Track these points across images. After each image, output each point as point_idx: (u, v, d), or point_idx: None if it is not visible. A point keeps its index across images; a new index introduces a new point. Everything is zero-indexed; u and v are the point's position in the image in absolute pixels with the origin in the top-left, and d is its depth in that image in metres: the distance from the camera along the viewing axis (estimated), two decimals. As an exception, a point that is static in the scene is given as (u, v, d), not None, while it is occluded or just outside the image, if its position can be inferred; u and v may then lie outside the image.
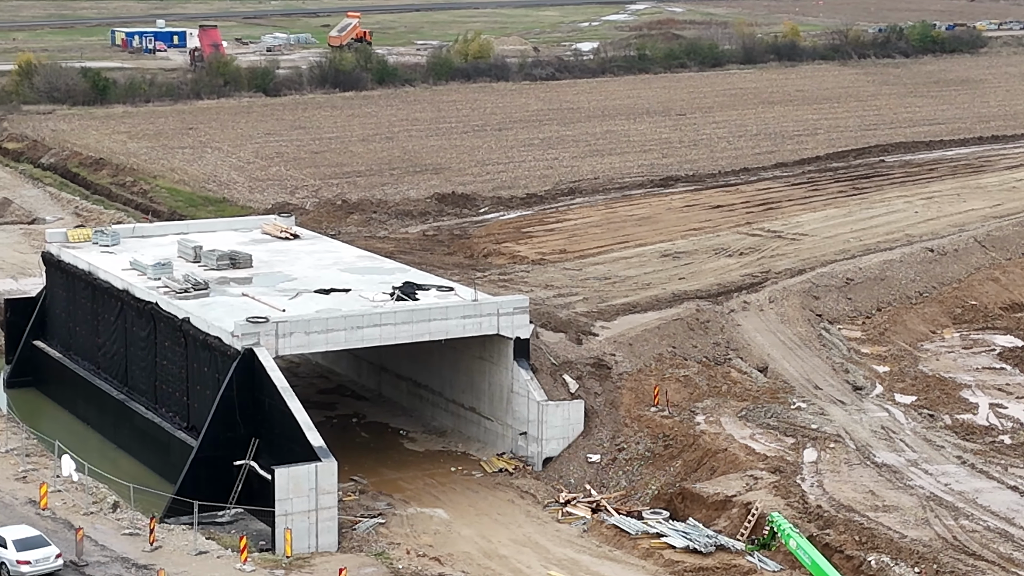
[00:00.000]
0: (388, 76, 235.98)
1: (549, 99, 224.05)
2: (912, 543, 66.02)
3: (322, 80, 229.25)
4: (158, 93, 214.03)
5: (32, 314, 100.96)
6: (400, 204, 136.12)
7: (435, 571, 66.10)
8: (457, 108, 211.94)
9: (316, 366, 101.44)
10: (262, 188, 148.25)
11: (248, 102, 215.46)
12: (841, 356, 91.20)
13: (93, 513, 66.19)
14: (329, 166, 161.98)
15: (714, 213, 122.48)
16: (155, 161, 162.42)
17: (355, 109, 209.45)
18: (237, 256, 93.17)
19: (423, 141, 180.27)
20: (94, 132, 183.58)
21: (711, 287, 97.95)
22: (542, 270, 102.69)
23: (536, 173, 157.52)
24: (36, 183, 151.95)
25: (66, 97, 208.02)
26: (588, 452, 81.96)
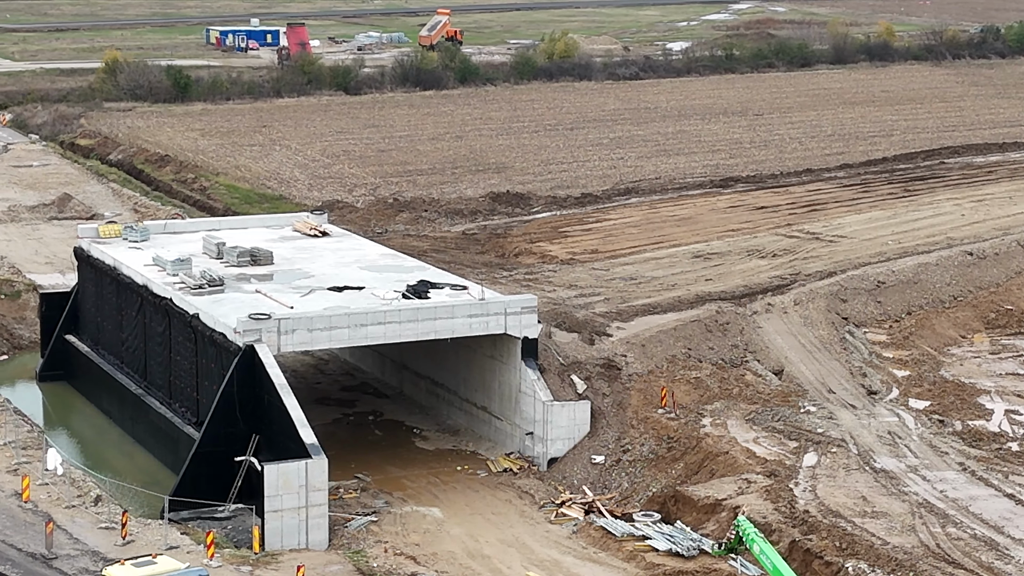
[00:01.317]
0: (470, 75, 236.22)
1: (628, 99, 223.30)
2: (893, 550, 65.15)
3: (403, 79, 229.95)
4: (239, 91, 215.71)
5: (65, 309, 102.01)
6: (453, 203, 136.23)
7: (408, 570, 66.13)
8: (534, 107, 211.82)
9: (344, 363, 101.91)
10: (321, 186, 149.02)
11: (327, 100, 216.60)
12: (861, 360, 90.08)
13: (75, 506, 66.90)
14: (393, 164, 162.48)
15: (756, 214, 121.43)
16: (222, 158, 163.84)
17: (432, 108, 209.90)
18: (258, 253, 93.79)
19: (491, 140, 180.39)
20: (168, 129, 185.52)
21: (737, 288, 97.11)
22: (569, 270, 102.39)
23: (598, 173, 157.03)
24: (101, 179, 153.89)
25: (148, 95, 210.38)
26: (593, 453, 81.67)
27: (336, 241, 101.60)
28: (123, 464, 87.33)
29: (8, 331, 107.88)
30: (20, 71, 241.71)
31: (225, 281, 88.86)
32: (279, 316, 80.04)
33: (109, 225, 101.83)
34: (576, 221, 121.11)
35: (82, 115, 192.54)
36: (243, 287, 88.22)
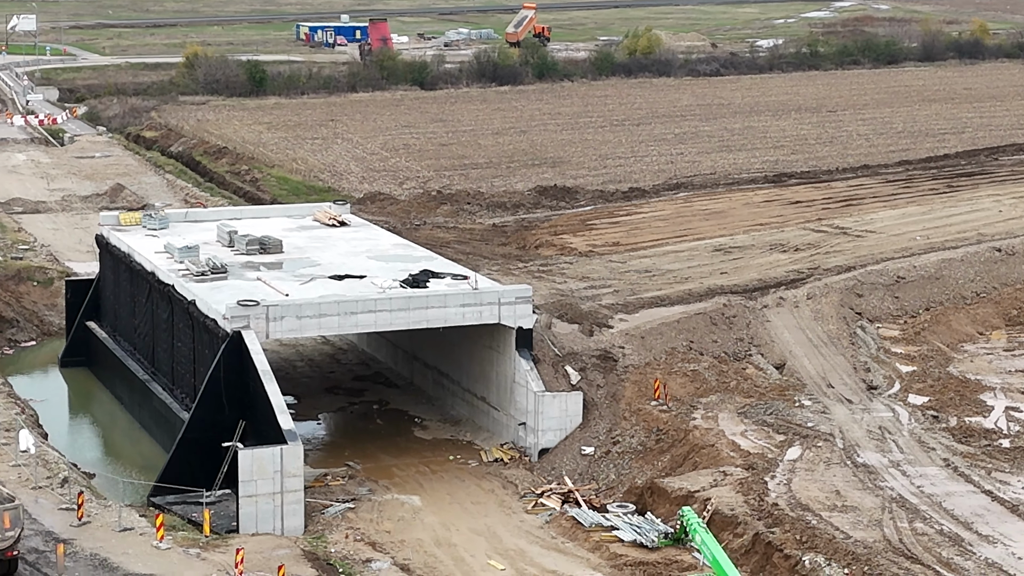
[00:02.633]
0: (548, 71, 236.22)
1: (703, 95, 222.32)
2: (853, 544, 64.29)
3: (480, 74, 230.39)
4: (314, 86, 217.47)
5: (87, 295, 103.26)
6: (498, 196, 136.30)
7: (364, 556, 66.25)
8: (605, 103, 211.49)
9: (361, 354, 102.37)
10: (373, 178, 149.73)
11: (401, 95, 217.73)
12: (868, 355, 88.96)
13: (41, 487, 67.62)
14: (450, 158, 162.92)
15: (789, 209, 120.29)
16: (281, 151, 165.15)
17: (504, 103, 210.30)
18: (267, 241, 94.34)
19: (555, 135, 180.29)
20: (236, 122, 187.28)
21: (750, 282, 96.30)
22: (586, 262, 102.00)
23: (653, 168, 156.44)
24: (158, 170, 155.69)
25: (224, 88, 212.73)
26: (583, 444, 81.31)
27: (352, 231, 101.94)
28: (126, 449, 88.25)
29: (39, 318, 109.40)
30: (105, 65, 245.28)
31: (229, 269, 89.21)
32: (268, 303, 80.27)
33: (130, 213, 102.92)
34: (606, 214, 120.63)
35: (154, 108, 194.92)
36: (246, 275, 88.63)
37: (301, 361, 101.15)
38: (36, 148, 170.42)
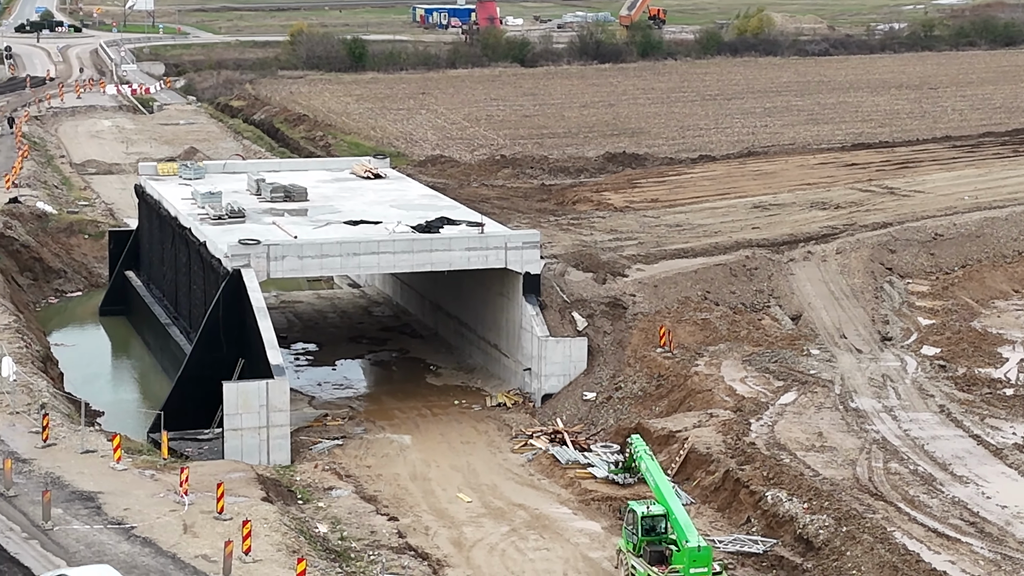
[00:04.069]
0: (652, 50, 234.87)
1: (805, 73, 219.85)
2: (820, 482, 63.07)
3: (582, 52, 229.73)
4: (414, 62, 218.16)
5: (127, 245, 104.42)
6: (563, 161, 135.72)
7: (328, 484, 66.18)
8: (703, 79, 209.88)
9: (394, 306, 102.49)
10: (446, 145, 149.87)
11: (500, 71, 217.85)
12: (890, 308, 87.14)
13: (19, 413, 68.31)
14: (530, 128, 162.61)
15: (843, 170, 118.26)
16: (363, 120, 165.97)
17: (600, 79, 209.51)
18: (292, 190, 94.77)
19: (642, 108, 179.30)
20: (327, 94, 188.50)
21: (780, 237, 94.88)
22: (619, 217, 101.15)
23: (733, 138, 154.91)
24: (237, 136, 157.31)
25: (324, 63, 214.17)
26: (586, 390, 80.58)
27: (385, 183, 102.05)
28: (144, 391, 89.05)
29: (87, 269, 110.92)
30: (215, 43, 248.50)
31: (250, 214, 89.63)
32: (268, 242, 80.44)
33: (167, 163, 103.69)
34: (654, 175, 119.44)
35: (249, 81, 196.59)
36: (263, 219, 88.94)
37: (334, 312, 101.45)
38: (123, 115, 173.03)
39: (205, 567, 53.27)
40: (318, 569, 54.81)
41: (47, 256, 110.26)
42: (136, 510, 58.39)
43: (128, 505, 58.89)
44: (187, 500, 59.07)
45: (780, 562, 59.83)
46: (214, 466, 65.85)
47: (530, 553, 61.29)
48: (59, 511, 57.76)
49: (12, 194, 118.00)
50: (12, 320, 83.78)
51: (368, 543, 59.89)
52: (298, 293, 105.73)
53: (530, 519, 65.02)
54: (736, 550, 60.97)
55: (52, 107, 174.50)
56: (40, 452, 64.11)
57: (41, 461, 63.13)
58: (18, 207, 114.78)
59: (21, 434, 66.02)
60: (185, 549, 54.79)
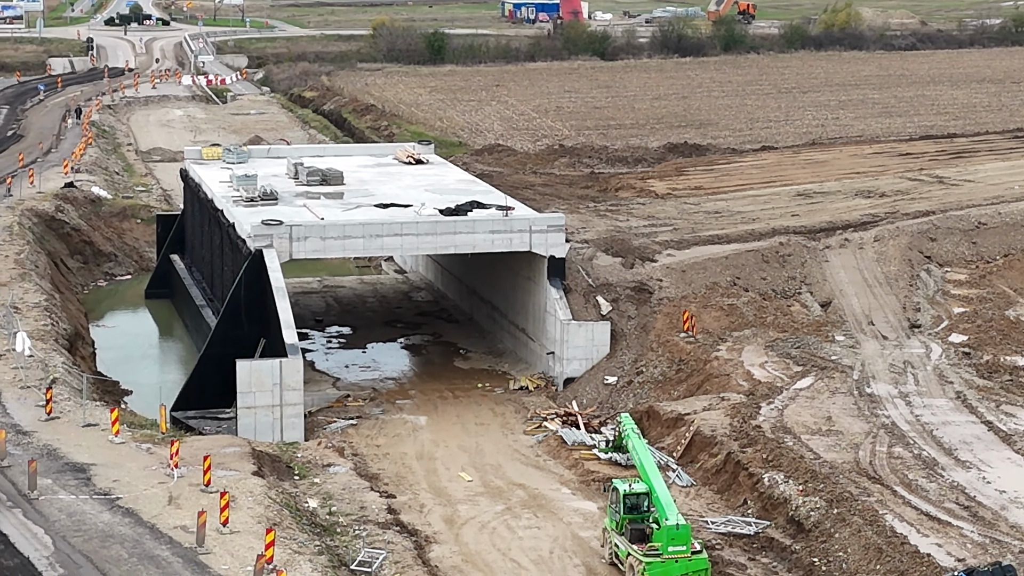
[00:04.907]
0: (735, 44, 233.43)
1: (888, 66, 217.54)
2: (819, 465, 62.33)
3: (663, 46, 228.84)
4: (493, 55, 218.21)
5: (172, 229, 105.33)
6: (621, 151, 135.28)
7: (327, 461, 66.27)
8: (782, 73, 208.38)
9: (435, 291, 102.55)
10: (510, 135, 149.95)
11: (579, 65, 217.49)
12: (924, 296, 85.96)
13: (30, 387, 69.04)
14: (598, 119, 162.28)
15: (895, 160, 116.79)
16: (431, 111, 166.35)
17: (679, 72, 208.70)
18: (329, 173, 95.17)
19: (716, 100, 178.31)
20: (401, 86, 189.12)
21: (819, 224, 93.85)
22: (659, 203, 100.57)
23: (800, 130, 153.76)
24: (304, 126, 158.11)
25: (403, 56, 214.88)
26: (607, 374, 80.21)
27: (425, 168, 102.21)
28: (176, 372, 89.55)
29: (138, 253, 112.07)
30: (299, 36, 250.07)
31: (285, 196, 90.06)
32: (291, 223, 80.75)
33: (212, 147, 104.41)
34: (704, 163, 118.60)
35: (326, 73, 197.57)
36: (295, 202, 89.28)
37: (374, 297, 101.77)
38: (195, 105, 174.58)
39: (181, 537, 53.52)
40: (296, 542, 54.83)
41: (98, 240, 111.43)
42: (125, 482, 58.75)
43: (118, 477, 59.26)
44: (177, 473, 59.34)
45: (770, 544, 59.24)
46: (211, 441, 66.23)
47: (520, 531, 61.04)
48: (48, 481, 58.23)
49: (69, 179, 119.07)
50: (43, 299, 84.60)
51: (356, 518, 59.90)
52: (341, 278, 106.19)
53: (527, 498, 64.79)
54: (727, 531, 60.30)
55: (126, 97, 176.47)
56: (42, 425, 64.74)
57: (41, 434, 63.71)
58: (72, 191, 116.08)
59: (28, 407, 66.68)
60: (166, 520, 55.07)
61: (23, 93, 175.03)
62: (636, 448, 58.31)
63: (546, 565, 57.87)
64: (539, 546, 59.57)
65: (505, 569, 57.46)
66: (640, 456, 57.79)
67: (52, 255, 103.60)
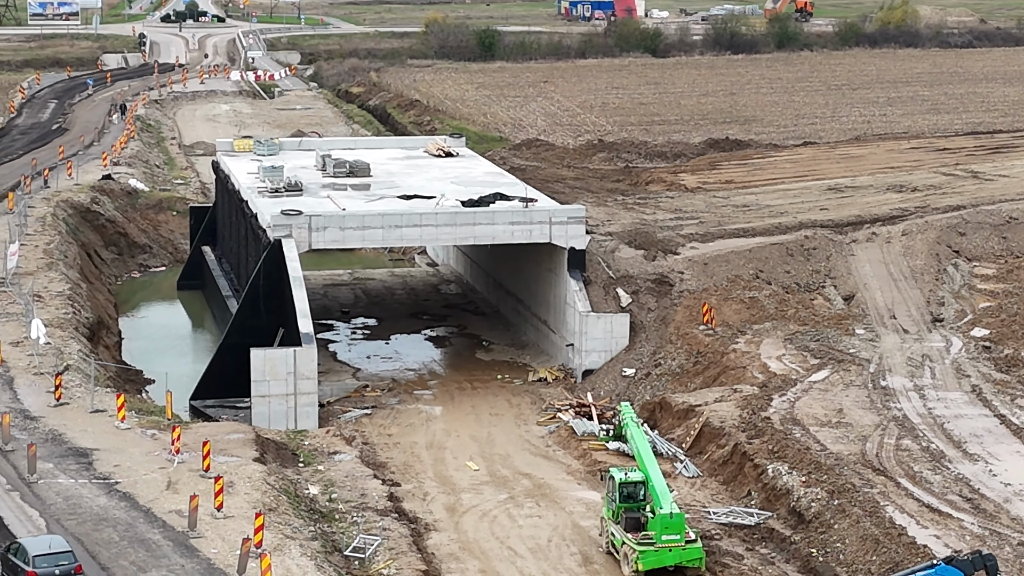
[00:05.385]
0: (788, 41, 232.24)
1: (942, 64, 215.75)
2: (825, 456, 61.92)
3: (715, 43, 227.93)
4: (544, 52, 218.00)
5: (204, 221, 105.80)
6: (661, 146, 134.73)
7: (333, 449, 66.36)
8: (833, 70, 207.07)
9: (464, 284, 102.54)
10: (552, 131, 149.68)
11: (629, 62, 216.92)
12: (949, 290, 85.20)
13: (42, 373, 69.49)
14: (642, 115, 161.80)
15: (932, 155, 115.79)
16: (476, 106, 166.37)
17: (729, 69, 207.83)
18: (356, 165, 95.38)
19: (763, 97, 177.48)
20: (449, 82, 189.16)
21: (847, 218, 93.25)
22: (688, 197, 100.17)
23: (846, 127, 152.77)
24: (348, 121, 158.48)
25: (454, 53, 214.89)
26: (626, 366, 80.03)
27: (454, 161, 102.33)
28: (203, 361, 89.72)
29: (173, 245, 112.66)
30: (353, 33, 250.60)
31: (311, 187, 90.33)
32: (311, 213, 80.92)
33: (243, 140, 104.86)
34: (739, 157, 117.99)
35: (375, 69, 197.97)
36: (320, 192, 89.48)
37: (403, 289, 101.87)
38: (242, 100, 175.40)
39: (175, 521, 53.71)
40: (290, 527, 54.92)
41: (133, 231, 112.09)
42: (126, 467, 59.02)
43: (120, 462, 59.54)
44: (177, 459, 59.53)
45: (771, 534, 58.90)
46: (215, 427, 66.47)
47: (521, 520, 60.96)
48: (49, 466, 58.59)
49: (107, 172, 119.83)
50: (67, 288, 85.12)
51: (356, 505, 59.97)
52: (372, 271, 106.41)
53: (531, 488, 64.70)
54: (729, 522, 59.95)
55: (173, 92, 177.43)
56: (51, 411, 65.11)
57: (49, 419, 64.07)
58: (109, 184, 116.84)
59: (38, 393, 67.10)
60: (161, 504, 55.27)
61: (72, 88, 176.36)
62: (634, 437, 58.07)
63: (543, 553, 57.69)
64: (538, 535, 59.45)
65: (501, 557, 57.35)
66: (637, 445, 57.56)
67: (85, 246, 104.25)
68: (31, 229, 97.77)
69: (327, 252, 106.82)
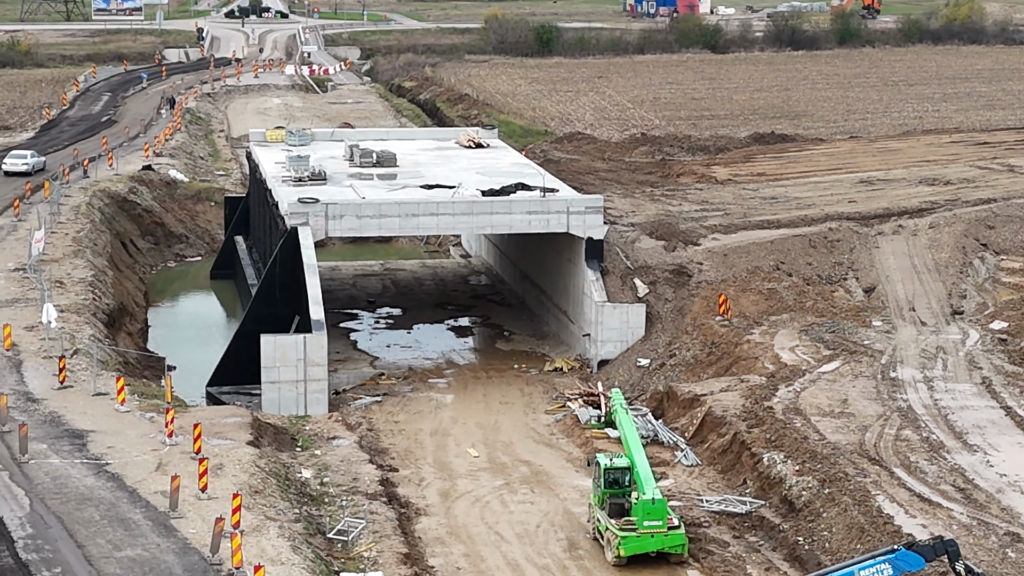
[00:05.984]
0: (850, 37, 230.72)
1: (1005, 60, 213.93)
2: (822, 446, 61.43)
3: (776, 39, 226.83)
4: (602, 48, 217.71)
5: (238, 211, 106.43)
6: (704, 140, 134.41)
7: (333, 434, 66.59)
8: (892, 66, 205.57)
9: (493, 275, 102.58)
10: (599, 124, 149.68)
11: (688, 57, 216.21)
12: (973, 283, 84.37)
13: (51, 357, 70.07)
14: (692, 110, 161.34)
15: (970, 149, 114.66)
16: (526, 101, 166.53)
17: (787, 65, 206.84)
18: (383, 156, 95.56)
19: (817, 92, 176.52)
20: (503, 77, 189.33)
21: (875, 211, 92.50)
22: (717, 189, 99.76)
23: (897, 122, 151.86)
24: (397, 114, 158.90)
25: (512, 49, 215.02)
26: (641, 356, 79.81)
27: (484, 152, 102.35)
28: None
29: (210, 235, 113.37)
30: (414, 29, 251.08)
31: (336, 177, 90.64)
32: (327, 201, 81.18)
33: (276, 130, 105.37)
34: (776, 151, 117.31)
35: (431, 64, 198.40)
36: (343, 182, 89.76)
37: (432, 280, 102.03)
38: (294, 94, 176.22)
39: (159, 502, 53.99)
40: (275, 509, 55.10)
41: (170, 221, 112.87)
42: (119, 448, 59.38)
43: (114, 443, 59.92)
44: (170, 441, 59.81)
45: (761, 523, 58.52)
46: (214, 411, 66.80)
47: (512, 506, 60.89)
48: (43, 446, 59.05)
49: (148, 162, 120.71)
50: (90, 275, 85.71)
51: (346, 489, 60.02)
52: (404, 261, 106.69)
53: (529, 474, 64.62)
54: (721, 510, 59.64)
55: (226, 85, 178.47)
56: (54, 393, 65.64)
57: (51, 401, 64.59)
58: (148, 174, 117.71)
59: (44, 376, 67.68)
60: (148, 486, 55.57)
61: (127, 81, 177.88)
62: (622, 423, 57.91)
63: (528, 539, 57.61)
64: (528, 520, 59.37)
65: (487, 541, 57.31)
66: (625, 431, 57.41)
67: (120, 235, 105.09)
68: (63, 217, 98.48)
69: (363, 243, 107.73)
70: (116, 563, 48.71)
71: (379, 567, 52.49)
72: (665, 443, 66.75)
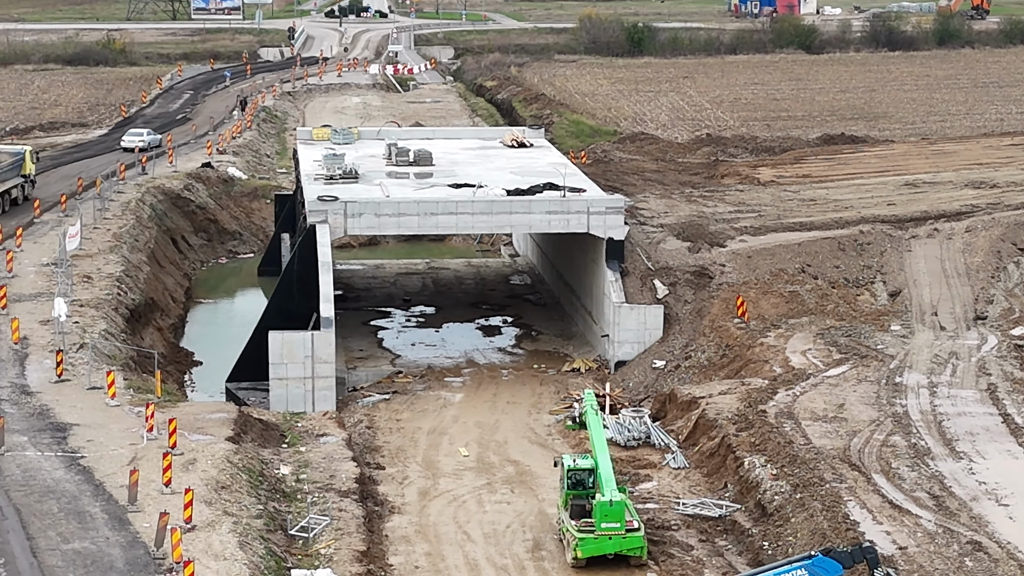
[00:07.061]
0: (950, 38, 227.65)
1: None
2: (805, 450, 60.75)
3: (873, 40, 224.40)
4: (695, 48, 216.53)
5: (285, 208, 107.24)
6: (770, 142, 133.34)
7: (322, 431, 66.84)
8: (987, 67, 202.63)
9: (535, 275, 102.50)
10: (670, 125, 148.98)
11: (780, 58, 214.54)
12: (1003, 289, 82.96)
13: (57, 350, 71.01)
14: (769, 111, 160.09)
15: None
16: (604, 101, 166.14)
17: (880, 66, 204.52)
18: (418, 154, 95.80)
19: (903, 94, 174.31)
20: (588, 77, 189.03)
21: (912, 213, 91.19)
22: (757, 191, 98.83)
23: (976, 124, 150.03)
24: (472, 114, 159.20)
25: (603, 48, 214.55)
26: (657, 358, 79.35)
27: (524, 151, 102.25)
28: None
29: (264, 233, 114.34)
30: (511, 29, 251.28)
31: (370, 175, 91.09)
32: (346, 200, 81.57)
33: (322, 128, 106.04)
34: (827, 152, 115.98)
35: (517, 64, 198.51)
36: (374, 180, 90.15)
37: (472, 279, 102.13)
38: (375, 93, 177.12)
39: (121, 496, 54.41)
40: (237, 504, 55.39)
41: (224, 218, 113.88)
42: (98, 442, 59.99)
43: (94, 437, 60.52)
44: (150, 436, 60.34)
45: (733, 527, 57.91)
46: (201, 406, 67.31)
47: (488, 506, 60.81)
48: (23, 439, 59.82)
49: (208, 159, 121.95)
50: (120, 270, 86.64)
51: (321, 486, 60.11)
52: (449, 260, 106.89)
53: (513, 475, 64.51)
54: (695, 514, 59.13)
55: (308, 84, 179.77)
56: (50, 386, 66.46)
57: (44, 394, 65.41)
58: (206, 171, 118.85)
59: (44, 370, 68.52)
60: (116, 479, 56.05)
61: (211, 80, 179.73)
62: (590, 424, 57.68)
63: (495, 539, 57.49)
64: (499, 520, 59.24)
65: (452, 541, 57.27)
66: (592, 432, 57.09)
67: (171, 231, 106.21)
68: (110, 213, 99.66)
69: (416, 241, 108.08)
70: (60, 555, 49.21)
71: (332, 564, 52.44)
72: (656, 445, 66.23)
